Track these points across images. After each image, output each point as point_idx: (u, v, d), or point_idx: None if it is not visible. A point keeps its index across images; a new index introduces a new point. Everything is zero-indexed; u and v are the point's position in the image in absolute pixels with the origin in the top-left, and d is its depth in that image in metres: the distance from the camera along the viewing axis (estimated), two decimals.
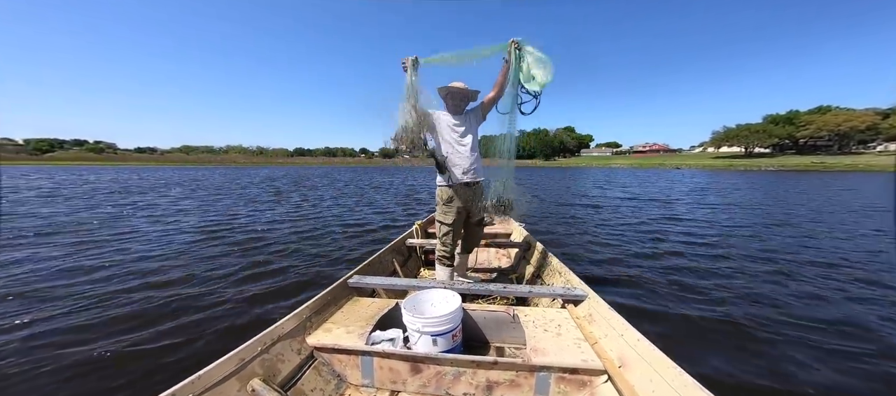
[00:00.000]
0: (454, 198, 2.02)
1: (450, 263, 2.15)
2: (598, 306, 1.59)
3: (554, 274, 2.29)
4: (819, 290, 3.02)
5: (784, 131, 66.95)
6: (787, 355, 2.02)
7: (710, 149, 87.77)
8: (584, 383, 1.22)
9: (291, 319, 1.44)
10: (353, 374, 1.37)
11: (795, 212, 7.79)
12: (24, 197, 9.55)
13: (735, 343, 2.17)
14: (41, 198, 9.40)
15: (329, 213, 7.42)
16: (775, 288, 3.10)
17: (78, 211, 7.18)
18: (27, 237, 4.67)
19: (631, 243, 4.80)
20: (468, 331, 1.62)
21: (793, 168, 44.42)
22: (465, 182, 2.00)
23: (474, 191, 2.07)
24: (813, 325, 2.37)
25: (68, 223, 5.81)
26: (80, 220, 6.08)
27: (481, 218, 2.26)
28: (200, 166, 61.70)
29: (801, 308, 2.68)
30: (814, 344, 2.13)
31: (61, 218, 6.20)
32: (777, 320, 2.45)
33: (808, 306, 2.71)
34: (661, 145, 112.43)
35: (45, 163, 76.57)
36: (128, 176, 22.36)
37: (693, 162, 67.89)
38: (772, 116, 71.42)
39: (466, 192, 2.03)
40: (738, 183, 18.25)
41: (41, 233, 4.90)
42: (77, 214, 6.78)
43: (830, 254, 4.22)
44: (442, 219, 2.09)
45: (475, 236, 2.35)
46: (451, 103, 2.02)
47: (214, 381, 1.08)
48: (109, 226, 5.52)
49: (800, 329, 2.32)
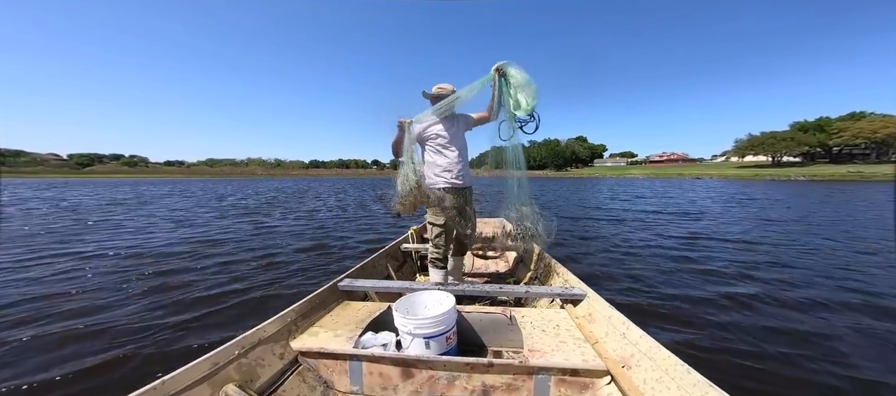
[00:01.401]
0: (444, 200, 2.02)
1: (443, 265, 2.14)
2: (599, 305, 1.55)
3: (552, 274, 2.23)
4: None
5: (814, 139, 63.18)
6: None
7: (734, 159, 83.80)
8: (585, 385, 1.16)
9: (274, 322, 1.36)
10: (341, 380, 1.30)
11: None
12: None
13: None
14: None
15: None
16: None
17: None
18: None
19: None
20: (464, 335, 1.56)
21: (828, 178, 41.48)
22: (454, 186, 2.03)
23: (464, 196, 2.10)
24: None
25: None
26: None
27: (473, 225, 2.23)
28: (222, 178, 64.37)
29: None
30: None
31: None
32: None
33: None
34: (680, 154, 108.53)
35: (85, 175, 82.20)
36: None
37: (715, 171, 64.80)
38: (799, 123, 67.74)
39: (456, 196, 2.04)
40: (778, 195, 15.64)
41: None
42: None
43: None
44: (433, 220, 2.09)
45: (468, 236, 2.29)
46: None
47: (182, 387, 1.00)
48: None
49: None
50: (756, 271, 3.69)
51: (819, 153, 65.60)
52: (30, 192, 17.19)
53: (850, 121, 61.25)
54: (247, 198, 14.36)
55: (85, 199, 13.38)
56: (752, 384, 1.74)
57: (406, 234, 3.16)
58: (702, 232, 6.23)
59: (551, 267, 2.29)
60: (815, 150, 65.05)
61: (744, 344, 2.13)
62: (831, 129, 61.83)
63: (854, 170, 48.00)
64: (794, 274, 3.64)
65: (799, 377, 1.82)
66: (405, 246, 2.96)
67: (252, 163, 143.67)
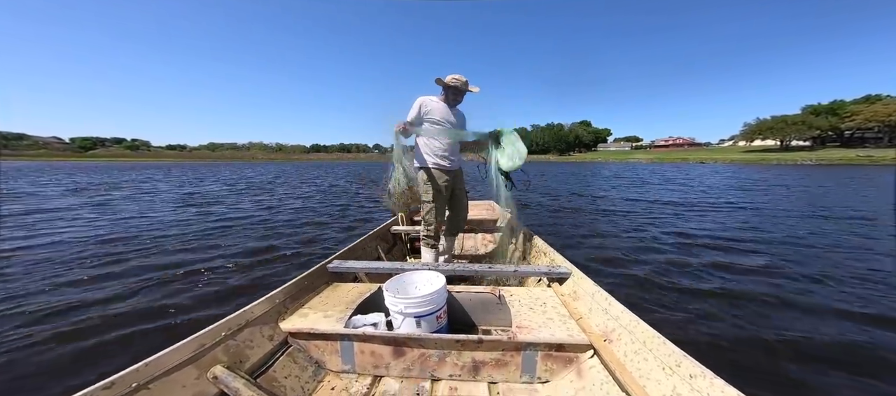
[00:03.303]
0: (435, 179, 2.14)
1: (435, 244, 2.22)
2: (583, 282, 1.60)
3: (540, 255, 2.32)
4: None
5: (826, 122, 61.23)
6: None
7: (742, 143, 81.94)
8: (570, 359, 1.21)
9: (263, 303, 1.35)
10: (333, 360, 1.31)
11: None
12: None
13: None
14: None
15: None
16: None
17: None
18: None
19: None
20: (455, 315, 1.59)
21: (836, 162, 40.39)
22: (445, 167, 2.14)
23: (455, 178, 2.25)
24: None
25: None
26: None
27: (464, 207, 2.39)
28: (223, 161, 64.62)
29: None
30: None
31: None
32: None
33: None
34: (687, 139, 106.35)
35: (87, 159, 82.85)
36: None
37: (720, 156, 63.47)
38: (812, 107, 65.54)
39: (447, 176, 2.17)
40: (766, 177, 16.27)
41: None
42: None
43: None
44: (425, 197, 2.18)
45: (460, 216, 2.41)
46: (450, 96, 2.13)
47: (166, 368, 0.97)
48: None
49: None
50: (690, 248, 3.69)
51: (830, 137, 63.72)
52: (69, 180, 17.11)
53: (865, 104, 59.16)
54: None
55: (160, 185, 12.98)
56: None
57: (396, 216, 3.12)
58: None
59: (539, 248, 2.38)
60: (826, 134, 63.18)
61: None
62: (844, 113, 59.82)
63: (864, 154, 46.62)
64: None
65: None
66: (395, 228, 2.95)
67: (253, 147, 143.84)
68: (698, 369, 0.89)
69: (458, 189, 2.31)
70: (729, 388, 0.82)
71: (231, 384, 1.02)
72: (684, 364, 0.94)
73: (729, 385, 0.82)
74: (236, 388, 1.01)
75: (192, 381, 1.01)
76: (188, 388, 0.99)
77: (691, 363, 0.93)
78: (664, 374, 0.97)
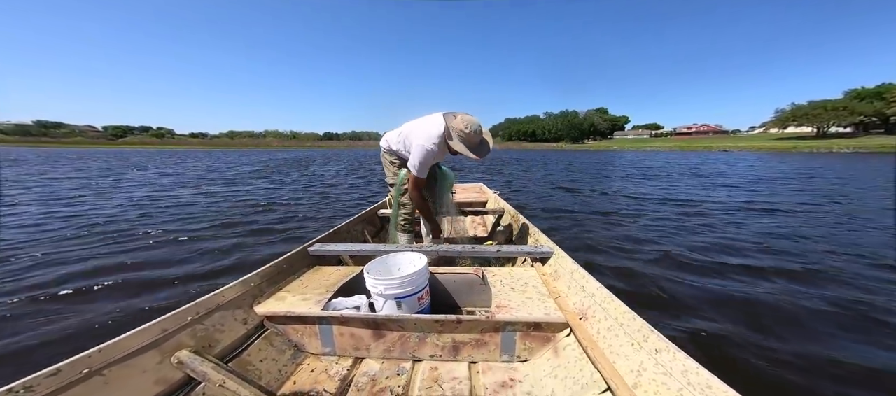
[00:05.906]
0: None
1: (410, 229, 2.19)
2: (564, 262, 1.62)
3: (526, 236, 2.33)
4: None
5: (871, 107, 56.14)
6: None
7: (773, 130, 76.56)
8: (547, 338, 1.22)
9: (235, 286, 1.32)
10: (312, 343, 1.30)
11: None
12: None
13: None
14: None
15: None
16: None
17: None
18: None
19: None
20: (438, 296, 1.61)
21: (875, 149, 37.11)
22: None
23: (433, 169, 2.19)
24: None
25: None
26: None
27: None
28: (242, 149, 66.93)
29: None
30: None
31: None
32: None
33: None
34: (713, 126, 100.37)
35: (118, 146, 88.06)
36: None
37: (746, 144, 59.23)
38: (856, 91, 60.13)
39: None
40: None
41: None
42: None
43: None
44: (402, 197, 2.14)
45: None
46: (465, 149, 1.83)
47: (124, 353, 0.92)
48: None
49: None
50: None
51: (873, 123, 58.45)
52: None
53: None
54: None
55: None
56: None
57: (384, 200, 3.04)
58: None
59: (526, 229, 2.39)
60: (869, 120, 57.99)
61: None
62: (892, 97, 54.57)
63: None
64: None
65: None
66: (383, 211, 2.87)
67: (269, 134, 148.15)
68: (664, 343, 0.92)
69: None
70: (690, 361, 0.84)
71: (198, 368, 0.98)
72: (651, 339, 0.96)
73: (690, 358, 0.84)
74: (204, 372, 0.98)
75: (154, 366, 0.96)
76: (149, 373, 0.94)
77: (657, 338, 0.95)
78: (632, 350, 0.99)
